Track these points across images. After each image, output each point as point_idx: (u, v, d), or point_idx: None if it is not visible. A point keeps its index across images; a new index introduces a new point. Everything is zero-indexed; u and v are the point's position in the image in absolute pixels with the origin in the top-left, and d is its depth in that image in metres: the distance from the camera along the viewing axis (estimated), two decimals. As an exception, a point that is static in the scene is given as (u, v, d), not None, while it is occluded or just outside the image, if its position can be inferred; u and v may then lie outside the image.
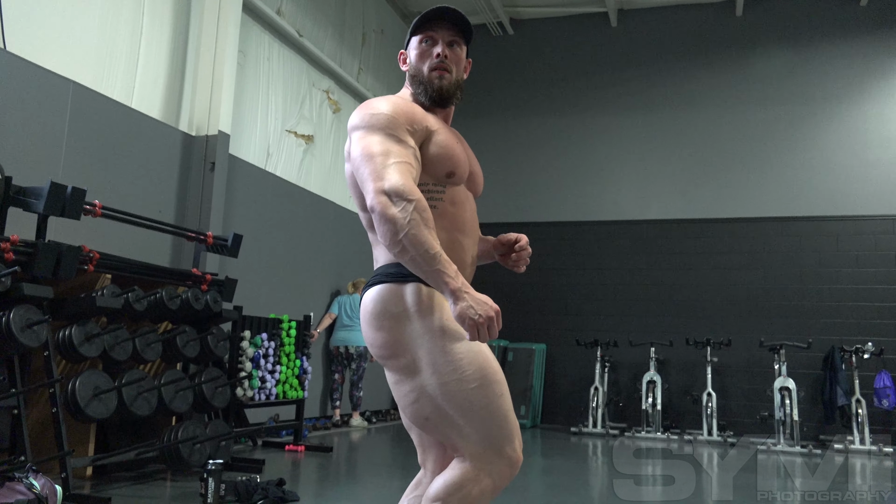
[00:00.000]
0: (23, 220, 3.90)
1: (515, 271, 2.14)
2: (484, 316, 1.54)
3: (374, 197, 1.62)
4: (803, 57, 8.95)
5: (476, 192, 1.96)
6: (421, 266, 1.60)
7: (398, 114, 1.78)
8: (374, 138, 1.73)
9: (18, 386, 3.53)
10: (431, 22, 1.88)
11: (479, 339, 1.56)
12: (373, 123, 1.76)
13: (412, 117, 1.80)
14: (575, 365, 9.02)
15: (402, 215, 1.59)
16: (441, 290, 1.60)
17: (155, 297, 4.37)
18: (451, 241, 1.79)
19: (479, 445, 1.64)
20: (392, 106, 1.80)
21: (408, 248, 1.59)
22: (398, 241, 1.59)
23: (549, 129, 9.81)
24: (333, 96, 8.26)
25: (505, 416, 1.67)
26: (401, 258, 1.63)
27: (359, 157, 1.72)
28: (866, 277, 8.29)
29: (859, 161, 8.55)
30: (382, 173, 1.65)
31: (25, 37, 4.55)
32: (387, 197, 1.61)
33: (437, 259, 1.58)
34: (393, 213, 1.59)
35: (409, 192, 1.61)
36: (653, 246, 9.15)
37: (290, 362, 6.05)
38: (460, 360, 1.65)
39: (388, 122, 1.75)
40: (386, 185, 1.62)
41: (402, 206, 1.59)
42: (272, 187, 6.98)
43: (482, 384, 1.65)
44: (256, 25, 6.87)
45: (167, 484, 4.27)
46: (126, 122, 5.28)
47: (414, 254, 1.59)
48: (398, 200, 1.60)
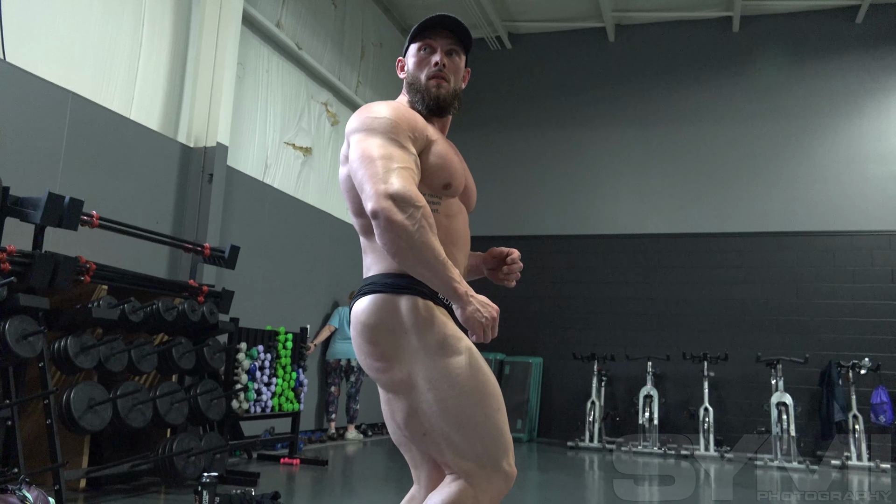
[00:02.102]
0: (20, 231, 3.89)
1: (506, 286, 2.11)
2: (489, 318, 1.60)
3: (377, 201, 1.57)
4: (800, 73, 9.01)
5: (469, 205, 1.93)
6: (429, 273, 1.59)
7: (400, 119, 1.74)
8: (374, 141, 1.68)
9: (13, 397, 3.51)
10: (431, 30, 1.86)
11: (484, 339, 1.61)
12: (374, 126, 1.71)
13: (414, 124, 1.77)
14: (572, 379, 9.00)
15: (411, 222, 1.56)
16: (449, 295, 1.61)
17: (151, 309, 4.36)
18: (446, 253, 1.78)
19: (477, 461, 1.62)
20: (394, 110, 1.76)
21: (416, 255, 1.57)
22: (405, 249, 1.57)
23: (547, 143, 9.85)
24: (332, 109, 8.28)
25: (501, 430, 1.65)
26: (404, 264, 1.61)
27: (357, 160, 1.67)
28: (863, 293, 8.30)
29: (855, 176, 8.59)
30: (386, 177, 1.60)
31: (25, 48, 4.56)
32: (392, 202, 1.57)
33: (447, 265, 1.59)
34: (400, 220, 1.55)
35: (415, 199, 1.58)
36: (650, 260, 9.16)
37: (286, 375, 6.03)
38: (458, 375, 1.63)
39: (390, 126, 1.71)
40: (391, 189, 1.58)
41: (409, 213, 1.56)
42: (270, 199, 6.98)
43: (479, 399, 1.64)
44: (255, 38, 6.90)
45: (161, 497, 4.24)
46: (124, 134, 5.28)
47: (423, 261, 1.57)
48: (405, 206, 1.57)
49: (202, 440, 4.47)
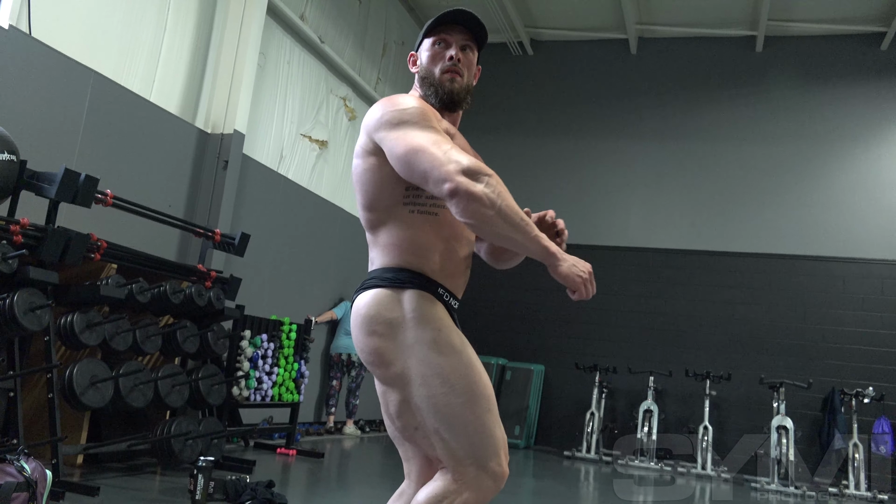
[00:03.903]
0: (34, 205, 3.92)
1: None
2: (587, 272, 1.66)
3: (452, 178, 1.59)
4: (820, 96, 8.96)
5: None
6: (520, 235, 1.62)
7: (426, 108, 1.77)
8: (416, 132, 1.68)
9: (16, 368, 3.54)
10: (446, 25, 1.86)
11: (585, 295, 1.65)
12: (408, 119, 1.71)
13: (436, 115, 1.79)
14: (572, 388, 8.97)
15: (489, 190, 1.60)
16: (541, 254, 1.65)
17: (159, 290, 4.38)
18: (449, 250, 1.77)
19: (464, 459, 1.63)
20: (417, 101, 1.78)
21: (505, 219, 1.60)
22: (492, 217, 1.59)
23: (561, 151, 9.83)
24: (350, 104, 8.30)
25: (490, 431, 1.65)
26: (493, 232, 1.62)
27: (408, 153, 1.65)
28: (871, 321, 8.24)
29: (870, 204, 8.53)
30: (448, 157, 1.62)
31: (51, 24, 4.60)
32: (465, 177, 1.59)
33: (532, 226, 1.63)
34: (480, 190, 1.59)
35: (485, 169, 1.63)
36: (658, 274, 9.13)
37: (289, 365, 6.05)
38: (450, 373, 1.64)
39: (423, 115, 1.73)
40: (461, 165, 1.60)
41: (485, 182, 1.60)
42: (283, 189, 7.01)
43: (469, 398, 1.64)
44: (279, 28, 6.93)
45: (157, 478, 4.26)
46: (143, 115, 5.32)
47: (512, 224, 1.61)
48: (480, 176, 1.60)
49: (200, 424, 4.48)
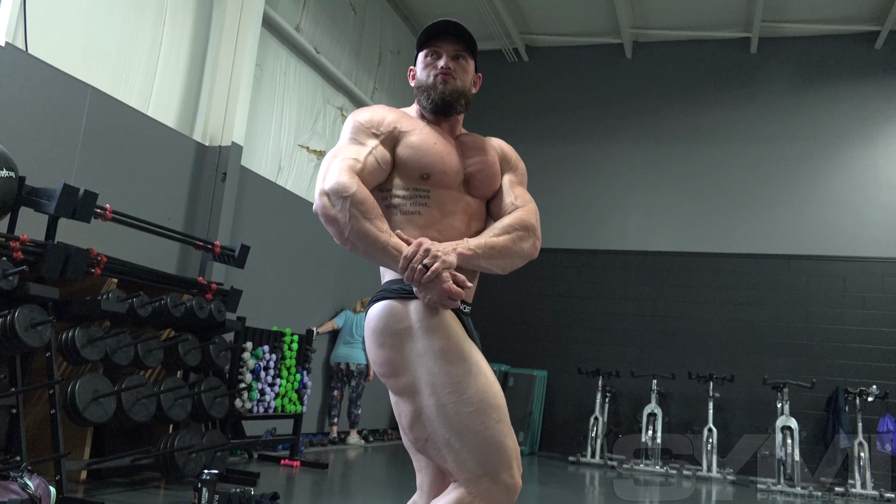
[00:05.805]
0: (34, 221, 3.92)
1: None
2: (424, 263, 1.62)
3: (317, 200, 1.70)
4: (816, 96, 8.99)
5: (483, 194, 1.92)
6: (375, 255, 1.68)
7: (365, 119, 1.84)
8: (339, 144, 1.82)
9: (19, 385, 3.53)
10: (436, 37, 1.89)
11: (421, 279, 1.62)
12: (345, 129, 1.84)
13: (382, 120, 1.84)
14: (576, 393, 8.96)
15: (342, 215, 1.65)
16: (400, 272, 1.67)
17: (159, 304, 4.38)
18: None
19: (475, 471, 1.60)
20: (367, 111, 1.86)
21: (357, 244, 1.67)
22: (346, 240, 1.67)
23: (560, 156, 9.84)
24: (347, 114, 8.31)
25: (502, 441, 1.62)
26: (355, 252, 1.70)
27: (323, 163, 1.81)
28: (873, 319, 8.24)
29: (869, 202, 8.54)
30: (325, 175, 1.72)
31: (47, 40, 4.61)
32: (326, 198, 1.68)
33: (387, 249, 1.65)
34: (333, 215, 1.66)
35: (343, 189, 1.66)
36: (659, 277, 9.13)
37: (291, 376, 6.03)
38: (459, 382, 1.62)
39: (352, 127, 1.83)
40: (326, 186, 1.69)
41: (339, 205, 1.66)
42: (282, 201, 7.01)
43: (480, 409, 1.62)
44: (274, 40, 6.94)
45: (161, 492, 4.24)
46: (141, 129, 5.32)
47: (364, 248, 1.67)
48: (336, 200, 1.66)
49: (204, 437, 4.47)
